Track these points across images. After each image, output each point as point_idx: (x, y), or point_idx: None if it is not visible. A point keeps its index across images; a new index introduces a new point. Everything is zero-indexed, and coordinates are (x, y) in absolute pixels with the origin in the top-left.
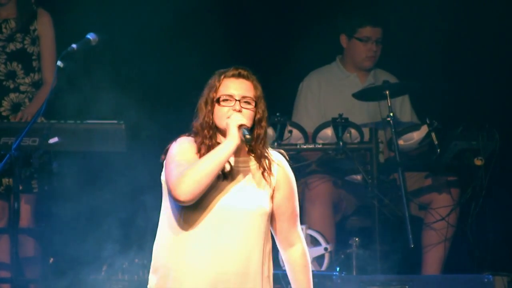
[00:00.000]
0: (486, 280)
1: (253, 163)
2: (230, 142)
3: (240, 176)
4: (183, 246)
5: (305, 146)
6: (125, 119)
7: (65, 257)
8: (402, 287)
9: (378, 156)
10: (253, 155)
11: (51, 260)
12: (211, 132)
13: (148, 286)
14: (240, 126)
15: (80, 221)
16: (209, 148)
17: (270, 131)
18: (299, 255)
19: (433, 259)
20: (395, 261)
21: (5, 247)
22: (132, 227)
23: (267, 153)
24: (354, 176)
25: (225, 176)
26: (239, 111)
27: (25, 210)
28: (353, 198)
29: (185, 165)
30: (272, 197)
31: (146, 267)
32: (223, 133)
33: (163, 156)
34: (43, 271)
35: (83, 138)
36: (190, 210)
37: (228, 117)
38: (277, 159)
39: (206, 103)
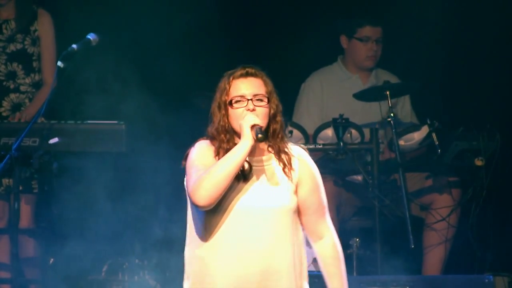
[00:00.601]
0: (486, 280)
1: (273, 160)
2: (244, 143)
3: (261, 175)
4: (209, 252)
5: (305, 147)
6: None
7: (65, 257)
8: (403, 286)
9: (379, 157)
10: (273, 152)
11: (51, 260)
12: (228, 135)
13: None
14: (253, 126)
15: (80, 222)
16: (228, 151)
17: None
18: (330, 247)
19: (433, 260)
20: (396, 262)
21: (5, 248)
22: (133, 228)
23: (286, 148)
24: (355, 177)
25: (245, 177)
26: (253, 110)
27: (25, 211)
28: (353, 199)
29: (202, 170)
30: (296, 192)
31: (146, 267)
32: (240, 135)
33: (183, 162)
34: (43, 271)
35: (83, 139)
36: (213, 215)
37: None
38: (298, 154)
39: (219, 107)
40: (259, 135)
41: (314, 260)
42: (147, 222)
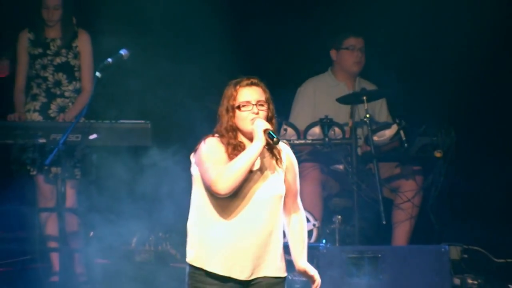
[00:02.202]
0: (443, 249)
1: (268, 154)
2: (258, 144)
3: (260, 167)
4: (221, 228)
5: (297, 142)
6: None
7: (102, 231)
8: (376, 256)
9: (357, 150)
10: (267, 147)
11: (91, 233)
12: (234, 133)
13: (187, 259)
14: (266, 130)
15: (115, 202)
16: (235, 146)
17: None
18: (299, 221)
19: (401, 233)
20: (370, 235)
21: (54, 223)
22: (156, 208)
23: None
24: (337, 166)
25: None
26: (257, 113)
27: (70, 193)
28: (336, 184)
29: (218, 164)
30: (284, 179)
31: (168, 240)
32: (244, 133)
33: (192, 154)
34: (84, 242)
35: (116, 135)
36: (226, 199)
37: (252, 120)
38: (285, 148)
39: (227, 110)
40: (275, 139)
41: None
42: (168, 203)
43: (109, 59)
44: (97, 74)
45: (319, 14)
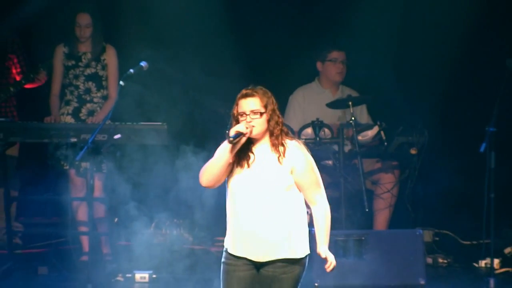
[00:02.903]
0: (417, 233)
1: (270, 151)
2: (224, 145)
3: (262, 161)
4: (234, 217)
5: (301, 141)
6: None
7: (125, 217)
8: (360, 238)
9: (344, 148)
10: (272, 145)
11: (116, 220)
12: None
13: (224, 247)
14: (237, 132)
15: (136, 192)
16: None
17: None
18: (320, 210)
19: (381, 219)
20: (355, 220)
21: (84, 211)
22: (171, 198)
23: (284, 142)
24: (327, 161)
25: (249, 163)
26: (250, 121)
27: (98, 185)
28: (326, 177)
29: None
30: (291, 173)
31: (182, 225)
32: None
33: None
34: (110, 227)
35: (137, 135)
36: (231, 191)
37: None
38: (293, 146)
39: (233, 117)
40: (230, 139)
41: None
42: (182, 193)
43: (131, 70)
44: (121, 83)
45: (308, 32)
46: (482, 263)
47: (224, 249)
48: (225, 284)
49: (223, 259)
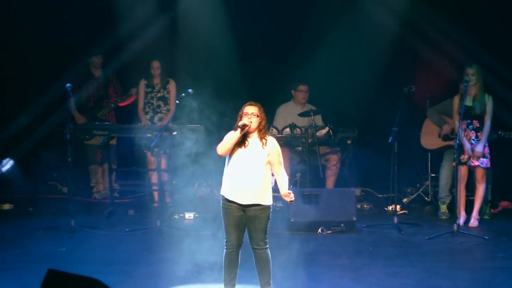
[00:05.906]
0: (351, 190)
1: (259, 141)
2: (235, 130)
3: (252, 146)
4: (230, 176)
5: (278, 136)
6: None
7: (180, 180)
8: (317, 193)
9: (308, 140)
10: (259, 137)
11: (174, 182)
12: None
13: (221, 196)
14: (237, 125)
15: (185, 166)
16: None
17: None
18: (281, 176)
19: (330, 182)
20: (314, 182)
21: (155, 177)
22: (204, 169)
23: (266, 137)
24: (298, 148)
25: (245, 146)
26: (250, 119)
27: (163, 162)
28: (297, 157)
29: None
30: (268, 155)
31: (211, 186)
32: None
33: None
34: (171, 186)
35: (186, 132)
36: (231, 160)
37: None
38: (270, 139)
39: (239, 116)
40: (240, 126)
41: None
42: (210, 165)
43: (183, 94)
44: (177, 101)
45: (287, 71)
46: (390, 207)
47: (222, 197)
48: (224, 220)
49: (221, 204)
